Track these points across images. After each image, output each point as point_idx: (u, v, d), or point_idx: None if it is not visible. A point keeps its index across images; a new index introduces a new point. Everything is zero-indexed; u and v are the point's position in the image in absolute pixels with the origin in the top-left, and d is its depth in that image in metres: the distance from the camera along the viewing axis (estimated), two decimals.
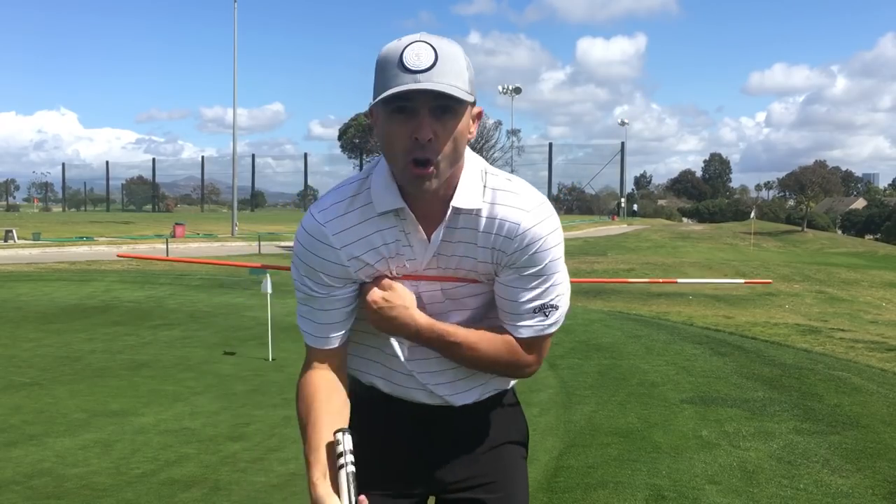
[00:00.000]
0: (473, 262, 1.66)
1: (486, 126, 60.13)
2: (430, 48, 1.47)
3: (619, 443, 5.37)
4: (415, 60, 1.46)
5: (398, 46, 1.49)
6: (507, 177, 1.67)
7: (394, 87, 1.46)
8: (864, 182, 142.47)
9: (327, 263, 1.65)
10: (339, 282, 1.68)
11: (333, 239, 1.64)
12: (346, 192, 1.67)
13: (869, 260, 45.26)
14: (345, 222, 1.64)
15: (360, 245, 1.65)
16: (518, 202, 1.62)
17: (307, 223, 1.66)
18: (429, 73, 1.45)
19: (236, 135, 51.72)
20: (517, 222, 1.61)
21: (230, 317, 11.98)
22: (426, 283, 1.69)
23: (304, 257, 1.67)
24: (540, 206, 1.63)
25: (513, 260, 1.63)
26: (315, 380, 1.71)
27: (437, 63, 1.46)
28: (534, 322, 1.69)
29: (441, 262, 1.67)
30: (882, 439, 5.44)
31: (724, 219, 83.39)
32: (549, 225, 1.63)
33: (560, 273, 1.68)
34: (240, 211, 57.03)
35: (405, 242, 1.65)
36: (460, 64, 1.50)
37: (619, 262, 29.80)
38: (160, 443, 5.40)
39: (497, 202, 1.62)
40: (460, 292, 1.71)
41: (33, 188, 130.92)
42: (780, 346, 10.09)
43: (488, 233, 1.63)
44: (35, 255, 27.33)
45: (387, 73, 1.48)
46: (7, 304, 13.22)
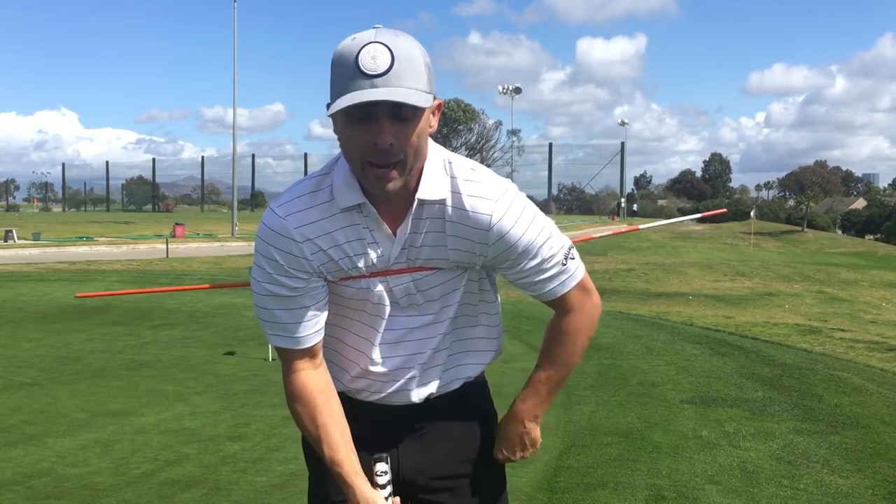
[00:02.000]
0: (444, 250, 1.65)
1: (486, 126, 60.04)
2: (385, 50, 1.44)
3: (619, 443, 5.37)
4: (371, 64, 1.43)
5: (353, 47, 1.45)
6: (471, 165, 1.65)
7: (351, 92, 1.44)
8: (864, 182, 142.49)
9: (291, 257, 1.61)
10: (306, 276, 1.64)
11: (295, 232, 1.61)
12: (306, 187, 1.64)
13: (869, 260, 45.26)
14: (307, 217, 1.61)
15: (324, 240, 1.62)
16: (484, 191, 1.61)
17: (268, 218, 1.62)
18: (386, 76, 1.43)
19: (236, 135, 51.76)
20: (489, 213, 1.60)
21: (230, 317, 11.98)
22: (396, 277, 1.67)
23: (268, 253, 1.62)
24: (505, 192, 1.63)
25: (505, 248, 1.64)
26: (307, 384, 1.70)
27: (393, 65, 1.44)
28: (562, 277, 1.73)
29: (410, 255, 1.65)
30: (882, 439, 5.44)
31: (724, 219, 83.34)
32: (518, 207, 1.63)
33: (548, 232, 1.69)
34: (240, 211, 57.02)
35: (370, 239, 1.63)
36: (417, 62, 1.47)
37: (619, 262, 29.79)
38: (160, 443, 5.40)
39: (463, 192, 1.61)
40: (431, 281, 1.69)
41: (33, 188, 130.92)
42: (780, 346, 10.08)
43: (458, 223, 1.62)
44: (35, 255, 27.33)
45: (343, 76, 1.46)
46: (7, 304, 13.22)
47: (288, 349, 1.70)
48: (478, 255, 1.66)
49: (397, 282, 1.67)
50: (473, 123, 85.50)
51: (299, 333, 1.68)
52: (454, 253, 1.65)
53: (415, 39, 1.50)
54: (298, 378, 1.71)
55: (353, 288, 1.68)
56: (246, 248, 34.22)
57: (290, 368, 1.72)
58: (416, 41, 1.50)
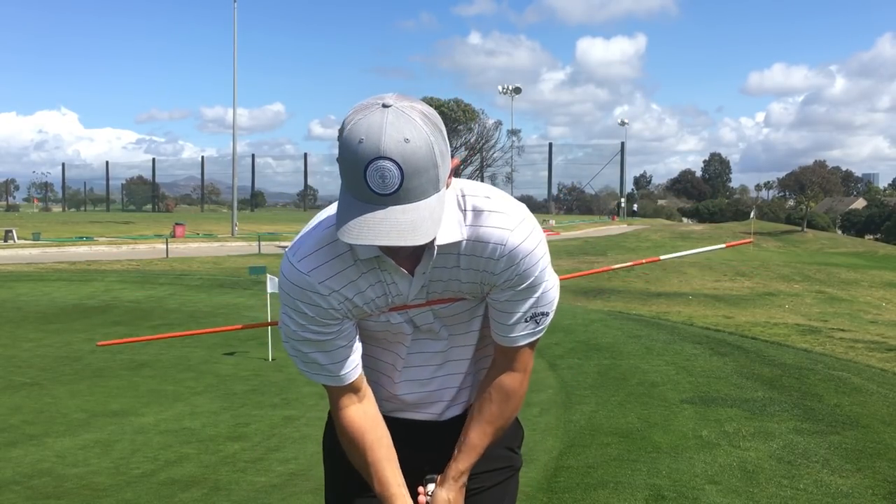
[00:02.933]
0: (459, 283, 1.65)
1: (486, 126, 59.95)
2: (394, 168, 1.37)
3: (619, 443, 5.37)
4: (379, 183, 1.38)
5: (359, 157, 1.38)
6: (486, 193, 1.63)
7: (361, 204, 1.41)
8: (864, 182, 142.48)
9: (319, 309, 1.62)
10: (336, 322, 1.65)
11: (320, 287, 1.60)
12: (324, 238, 1.61)
13: (869, 260, 45.27)
14: (329, 270, 1.60)
15: (349, 289, 1.62)
16: (499, 221, 1.59)
17: (290, 273, 1.61)
18: (396, 195, 1.39)
19: (236, 135, 51.76)
20: (500, 243, 1.59)
21: (230, 317, 11.98)
22: (416, 310, 1.69)
23: (295, 307, 1.62)
24: (521, 222, 1.61)
25: (503, 279, 1.62)
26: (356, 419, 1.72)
27: (402, 184, 1.39)
28: (526, 331, 1.71)
29: (430, 289, 1.66)
30: (882, 439, 5.44)
31: (724, 219, 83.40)
32: (532, 240, 1.61)
33: (548, 280, 1.68)
34: (240, 211, 57.03)
35: (389, 281, 1.63)
36: (427, 166, 1.40)
37: (618, 261, 29.78)
38: (160, 443, 5.40)
39: (479, 224, 1.59)
40: (450, 310, 1.71)
41: (33, 188, 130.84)
42: (780, 346, 10.09)
43: (471, 255, 1.61)
44: (35, 255, 27.33)
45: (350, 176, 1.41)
46: (7, 304, 13.22)
47: (334, 387, 1.72)
48: (486, 283, 1.65)
49: (417, 313, 1.70)
50: (473, 123, 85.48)
51: (340, 372, 1.68)
52: (468, 285, 1.66)
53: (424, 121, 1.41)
54: (346, 415, 1.72)
55: (374, 321, 1.71)
56: (246, 248, 34.23)
57: (336, 404, 1.73)
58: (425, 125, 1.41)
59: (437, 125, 1.44)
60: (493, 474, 1.85)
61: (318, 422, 5.85)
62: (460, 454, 1.75)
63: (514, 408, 1.78)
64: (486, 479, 1.84)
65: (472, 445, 1.74)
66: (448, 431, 1.82)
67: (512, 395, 1.76)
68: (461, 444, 1.75)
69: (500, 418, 1.76)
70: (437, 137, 1.42)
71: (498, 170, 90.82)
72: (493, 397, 1.75)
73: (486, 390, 1.77)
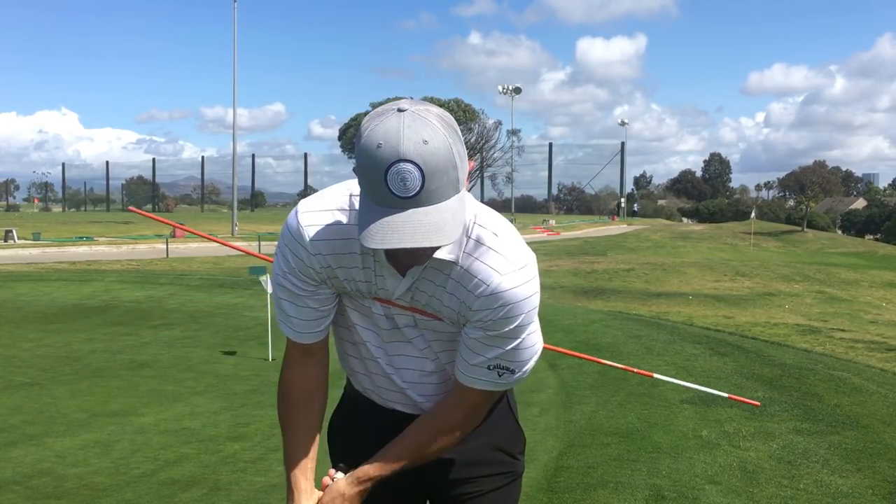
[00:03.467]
0: (440, 304, 1.64)
1: (486, 126, 59.95)
2: (414, 170, 1.37)
3: (619, 443, 5.37)
4: (400, 186, 1.38)
5: (380, 160, 1.38)
6: (496, 230, 1.60)
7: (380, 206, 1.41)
8: (864, 182, 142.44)
9: (300, 262, 1.65)
10: (313, 283, 1.67)
11: (309, 244, 1.62)
12: (336, 202, 1.64)
13: (869, 260, 45.26)
14: (324, 234, 1.62)
15: (334, 259, 1.64)
16: (494, 262, 1.56)
17: (291, 219, 1.65)
18: (416, 198, 1.39)
19: (236, 135, 51.76)
20: (485, 282, 1.56)
21: (230, 317, 11.99)
22: (399, 309, 1.69)
23: (283, 251, 1.67)
24: (520, 269, 1.57)
25: (479, 317, 1.59)
26: (297, 380, 1.78)
27: (423, 186, 1.38)
28: (485, 378, 1.66)
29: (415, 296, 1.65)
30: (882, 439, 5.44)
31: (724, 219, 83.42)
32: (521, 291, 1.56)
33: (528, 338, 1.64)
34: (240, 211, 57.03)
35: (378, 272, 1.64)
36: (446, 168, 1.40)
37: (618, 262, 29.80)
38: (160, 443, 5.40)
39: (475, 256, 1.57)
40: (432, 326, 1.69)
41: (33, 188, 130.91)
42: (780, 346, 10.09)
43: (458, 283, 1.59)
44: (35, 255, 27.33)
45: (370, 181, 1.41)
46: (7, 304, 13.22)
47: (292, 341, 1.76)
48: (462, 316, 1.62)
49: (399, 312, 1.69)
50: (473, 123, 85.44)
51: (300, 329, 1.73)
52: (447, 310, 1.63)
53: (441, 123, 1.41)
54: (292, 371, 1.78)
55: (357, 302, 1.72)
56: (246, 249, 34.23)
57: (288, 359, 1.79)
58: (442, 127, 1.41)
59: (453, 127, 1.44)
60: (493, 479, 1.84)
61: None
62: (377, 461, 1.70)
63: (444, 444, 1.72)
64: (486, 483, 1.83)
65: (391, 457, 1.70)
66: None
67: (448, 431, 1.71)
68: (383, 452, 1.71)
69: (426, 446, 1.71)
70: (454, 139, 1.43)
71: (498, 170, 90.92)
72: (429, 426, 1.72)
73: (428, 416, 1.74)
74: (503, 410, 1.87)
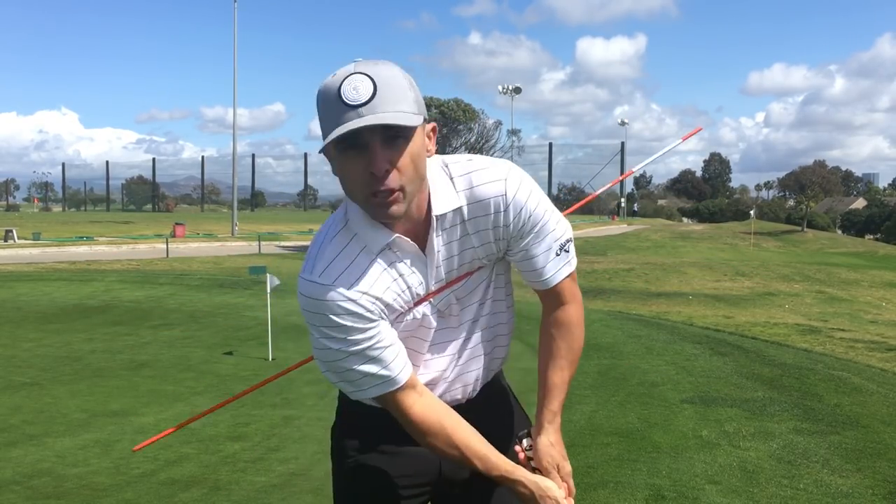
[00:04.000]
0: (473, 251, 1.68)
1: (486, 126, 59.93)
2: (366, 79, 1.45)
3: (619, 443, 5.37)
4: (353, 95, 1.43)
5: (334, 83, 1.46)
6: (467, 157, 1.68)
7: (338, 126, 1.44)
8: (864, 182, 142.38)
9: (355, 316, 1.59)
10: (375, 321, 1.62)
11: (349, 293, 1.58)
12: (335, 247, 1.62)
13: (869, 260, 45.26)
14: (350, 276, 1.60)
15: (376, 288, 1.61)
16: (490, 175, 1.64)
17: (314, 292, 1.59)
18: (370, 104, 1.43)
19: (236, 135, 51.74)
20: (501, 192, 1.63)
21: (230, 317, 11.98)
22: (438, 296, 1.70)
23: (332, 323, 1.59)
24: (510, 169, 1.66)
25: (517, 226, 1.66)
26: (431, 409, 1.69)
27: (376, 92, 1.44)
28: (560, 263, 1.75)
29: (446, 267, 1.68)
30: (882, 439, 5.44)
31: (724, 219, 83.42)
32: (527, 183, 1.67)
33: (553, 211, 1.73)
34: (240, 211, 57.02)
35: (406, 271, 1.64)
36: (401, 86, 1.48)
37: (618, 261, 29.80)
38: (160, 443, 5.39)
39: (471, 185, 1.64)
40: (467, 287, 1.74)
41: (33, 188, 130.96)
42: (780, 346, 10.08)
43: (475, 218, 1.65)
44: (35, 255, 27.33)
45: (329, 112, 1.47)
46: (7, 304, 13.22)
47: (390, 393, 1.66)
48: (501, 238, 1.68)
49: (439, 299, 1.71)
50: (473, 123, 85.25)
51: (394, 374, 1.65)
52: (483, 248, 1.69)
53: (397, 66, 1.50)
54: (416, 412, 1.68)
55: (404, 320, 1.70)
56: (246, 248, 34.24)
57: (401, 408, 1.68)
58: (398, 67, 1.50)
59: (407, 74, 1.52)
60: None
61: (317, 422, 5.85)
62: (546, 397, 1.80)
63: (578, 337, 1.82)
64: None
65: (554, 384, 1.80)
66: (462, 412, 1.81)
67: (573, 326, 1.81)
68: (544, 388, 1.81)
69: (570, 351, 1.81)
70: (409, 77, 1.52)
71: None
72: (555, 334, 1.81)
73: (548, 331, 1.82)
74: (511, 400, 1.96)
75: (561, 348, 1.81)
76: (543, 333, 1.83)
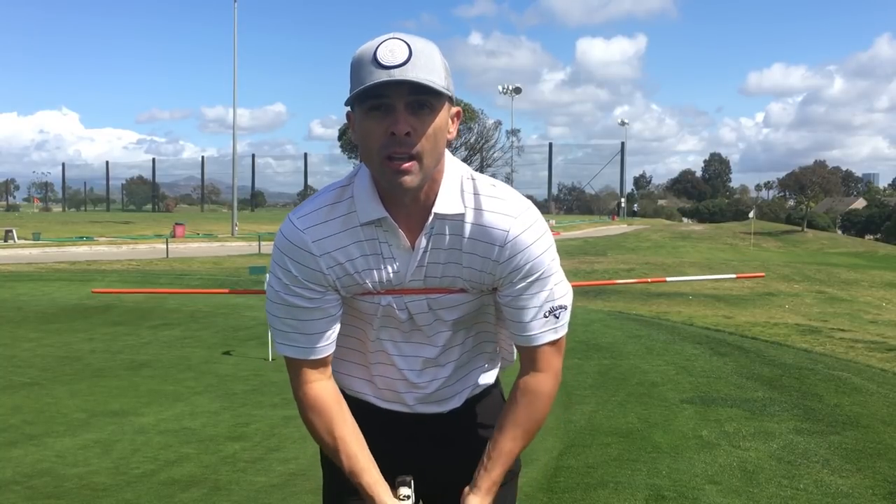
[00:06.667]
0: (458, 268, 1.62)
1: (486, 126, 59.99)
2: (403, 44, 1.45)
3: (619, 443, 5.36)
4: (388, 56, 1.44)
5: (371, 45, 1.47)
6: (492, 182, 1.63)
7: (368, 83, 1.44)
8: (864, 182, 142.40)
9: (307, 270, 1.60)
10: (321, 289, 1.63)
11: (313, 246, 1.59)
12: (326, 199, 1.62)
13: (869, 260, 45.27)
14: (325, 230, 1.60)
15: (341, 253, 1.61)
16: (504, 208, 1.59)
17: (286, 229, 1.62)
18: (403, 67, 1.43)
19: (236, 135, 51.77)
20: (506, 229, 1.57)
21: (230, 317, 11.98)
22: (411, 296, 1.66)
23: (284, 265, 1.62)
24: (526, 210, 1.60)
25: (511, 268, 1.60)
26: (322, 395, 1.70)
27: (411, 57, 1.44)
28: (546, 327, 1.67)
29: (428, 272, 1.63)
30: (882, 439, 5.44)
31: (724, 219, 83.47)
32: (537, 228, 1.60)
33: (558, 272, 1.66)
34: (240, 211, 57.03)
35: (387, 254, 1.61)
36: (435, 59, 1.48)
37: (619, 262, 29.79)
38: (160, 443, 5.39)
39: (483, 208, 1.59)
40: (445, 302, 1.68)
41: (33, 188, 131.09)
42: (780, 346, 10.08)
43: (474, 240, 1.60)
44: (35, 255, 27.33)
45: (361, 71, 1.46)
46: (7, 304, 13.22)
47: (298, 359, 1.69)
48: (488, 272, 1.62)
49: (412, 299, 1.67)
50: (473, 123, 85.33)
51: (311, 344, 1.66)
52: (468, 271, 1.62)
53: (436, 45, 1.51)
54: (311, 389, 1.69)
55: (368, 303, 1.68)
56: (246, 248, 34.23)
57: (301, 379, 1.70)
58: (436, 46, 1.50)
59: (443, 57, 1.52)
60: None
61: None
62: (491, 462, 1.70)
63: (542, 410, 1.73)
64: None
65: (502, 452, 1.70)
66: (442, 425, 1.81)
67: (540, 397, 1.71)
68: (491, 453, 1.70)
69: (528, 421, 1.72)
70: (444, 59, 1.52)
71: (498, 170, 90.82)
72: (520, 401, 1.71)
73: (514, 395, 1.73)
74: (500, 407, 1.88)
75: (521, 417, 1.71)
76: (511, 395, 1.75)
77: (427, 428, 1.82)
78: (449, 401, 1.81)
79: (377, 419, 1.79)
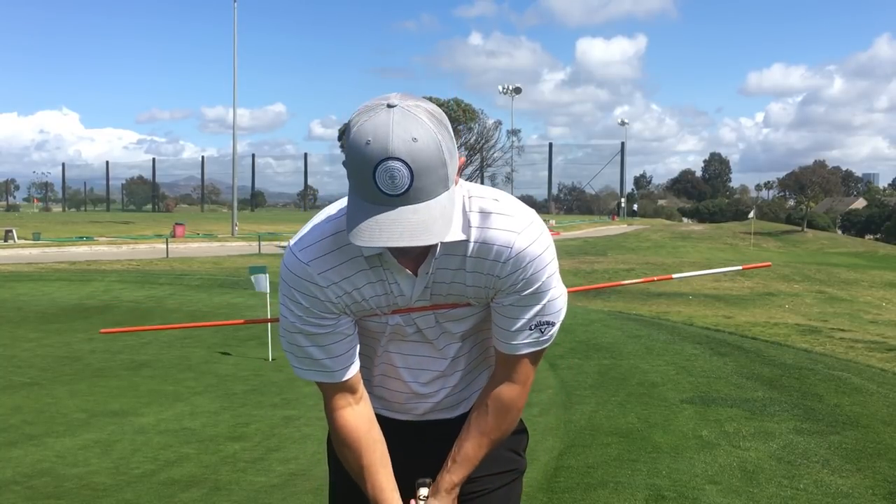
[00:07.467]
0: (462, 286, 1.62)
1: (486, 126, 59.98)
2: (403, 168, 1.36)
3: (619, 443, 5.36)
4: (389, 184, 1.36)
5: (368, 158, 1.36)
6: (494, 196, 1.61)
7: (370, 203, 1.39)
8: (864, 182, 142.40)
9: (316, 301, 1.60)
10: (333, 316, 1.63)
11: (319, 278, 1.59)
12: (327, 229, 1.60)
13: (869, 260, 45.28)
14: (329, 261, 1.59)
15: (347, 283, 1.61)
16: (507, 224, 1.57)
17: (290, 262, 1.61)
18: (405, 195, 1.37)
19: (236, 135, 51.76)
20: (508, 245, 1.56)
21: (230, 316, 11.98)
22: (419, 313, 1.67)
23: (293, 297, 1.61)
24: (530, 225, 1.58)
25: (508, 283, 1.59)
26: (353, 422, 1.70)
27: (412, 184, 1.37)
28: (529, 339, 1.67)
29: (434, 290, 1.64)
30: (882, 439, 5.44)
31: (724, 219, 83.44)
32: (540, 244, 1.58)
33: (556, 288, 1.65)
34: (240, 211, 57.03)
35: (391, 280, 1.61)
36: (436, 165, 1.39)
37: (619, 262, 29.79)
38: (160, 443, 5.40)
39: (485, 226, 1.57)
40: (453, 315, 1.68)
41: (33, 188, 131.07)
42: (780, 346, 10.08)
43: (478, 258, 1.59)
44: (35, 255, 27.33)
45: (359, 178, 1.39)
46: (7, 304, 13.22)
47: (329, 384, 1.69)
48: (491, 287, 1.62)
49: (419, 315, 1.68)
50: (473, 123, 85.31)
51: (334, 368, 1.66)
52: (473, 289, 1.62)
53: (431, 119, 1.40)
54: (341, 416, 1.69)
55: (377, 323, 1.69)
56: (246, 248, 34.23)
57: (330, 404, 1.70)
58: (432, 123, 1.39)
59: (443, 123, 1.42)
60: (498, 477, 1.84)
61: (318, 422, 5.85)
62: (454, 466, 1.71)
63: (511, 420, 1.74)
64: (491, 482, 1.83)
65: (466, 457, 1.71)
66: (429, 433, 1.81)
67: (509, 408, 1.72)
68: (455, 456, 1.71)
69: (496, 430, 1.72)
70: (444, 135, 1.41)
71: (498, 170, 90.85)
72: (489, 409, 1.71)
73: (484, 401, 1.73)
74: None
75: (490, 426, 1.71)
76: (479, 401, 1.75)
77: (436, 433, 1.82)
78: (457, 407, 1.82)
79: (386, 429, 1.79)
